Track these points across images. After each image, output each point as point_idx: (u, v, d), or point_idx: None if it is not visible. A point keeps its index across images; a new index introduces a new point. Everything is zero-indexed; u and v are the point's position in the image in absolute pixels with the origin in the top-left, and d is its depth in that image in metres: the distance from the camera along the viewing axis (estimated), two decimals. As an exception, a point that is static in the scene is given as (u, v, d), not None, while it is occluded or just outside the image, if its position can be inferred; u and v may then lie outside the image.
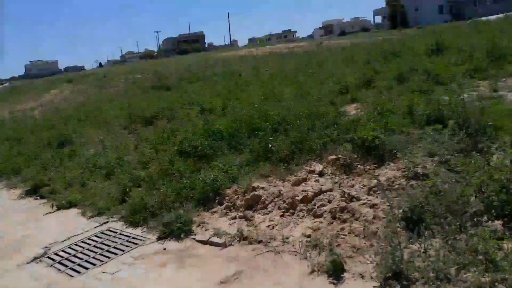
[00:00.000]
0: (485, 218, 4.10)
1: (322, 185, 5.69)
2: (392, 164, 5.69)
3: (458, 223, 4.00)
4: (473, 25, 21.69)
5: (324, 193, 5.42)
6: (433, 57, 12.22)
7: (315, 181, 5.86)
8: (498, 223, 4.02)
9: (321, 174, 6.08)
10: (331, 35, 69.89)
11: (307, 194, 5.47)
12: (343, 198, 5.14)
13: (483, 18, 27.66)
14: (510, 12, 28.17)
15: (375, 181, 5.27)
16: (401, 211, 4.37)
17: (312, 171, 6.16)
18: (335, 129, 7.29)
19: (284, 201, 5.56)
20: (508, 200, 4.05)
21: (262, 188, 6.00)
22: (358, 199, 5.10)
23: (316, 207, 5.19)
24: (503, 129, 5.87)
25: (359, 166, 5.93)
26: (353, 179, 5.68)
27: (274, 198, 5.71)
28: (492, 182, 4.25)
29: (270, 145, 7.06)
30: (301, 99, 9.92)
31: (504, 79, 9.31)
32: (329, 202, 5.17)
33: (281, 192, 5.74)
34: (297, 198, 5.49)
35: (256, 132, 7.69)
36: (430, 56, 12.55)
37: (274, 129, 7.83)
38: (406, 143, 6.17)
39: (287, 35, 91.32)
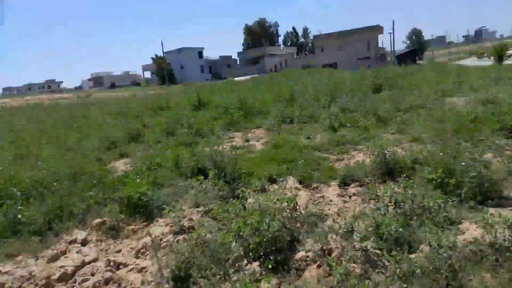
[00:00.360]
0: (245, 261, 4.39)
1: (86, 255, 5.00)
2: (161, 220, 5.57)
3: (222, 271, 4.14)
4: (227, 84, 25.24)
5: (88, 265, 4.76)
6: (195, 112, 13.34)
7: (77, 252, 5.11)
8: (255, 265, 4.34)
9: (84, 242, 5.37)
10: (101, 87, 67.98)
11: (67, 270, 4.67)
12: (109, 268, 4.62)
13: (236, 78, 32.76)
14: (254, 74, 34.36)
15: (143, 241, 5.01)
16: (169, 270, 4.23)
17: (74, 241, 5.39)
18: (101, 188, 6.75)
19: (37, 284, 4.57)
20: (260, 241, 4.47)
21: (6, 272, 4.79)
22: (125, 265, 4.68)
23: (77, 284, 4.47)
24: (254, 175, 6.72)
25: (127, 227, 5.56)
26: (120, 243, 5.24)
27: (23, 283, 4.62)
28: (247, 226, 4.64)
29: (19, 216, 5.84)
30: (63, 157, 8.90)
31: (254, 130, 10.97)
32: (93, 275, 4.55)
33: (33, 274, 4.70)
34: (53, 277, 4.60)
35: (0, 201, 6.28)
36: (193, 111, 13.66)
37: (26, 195, 6.60)
38: (174, 196, 6.25)
39: (51, 86, 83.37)
